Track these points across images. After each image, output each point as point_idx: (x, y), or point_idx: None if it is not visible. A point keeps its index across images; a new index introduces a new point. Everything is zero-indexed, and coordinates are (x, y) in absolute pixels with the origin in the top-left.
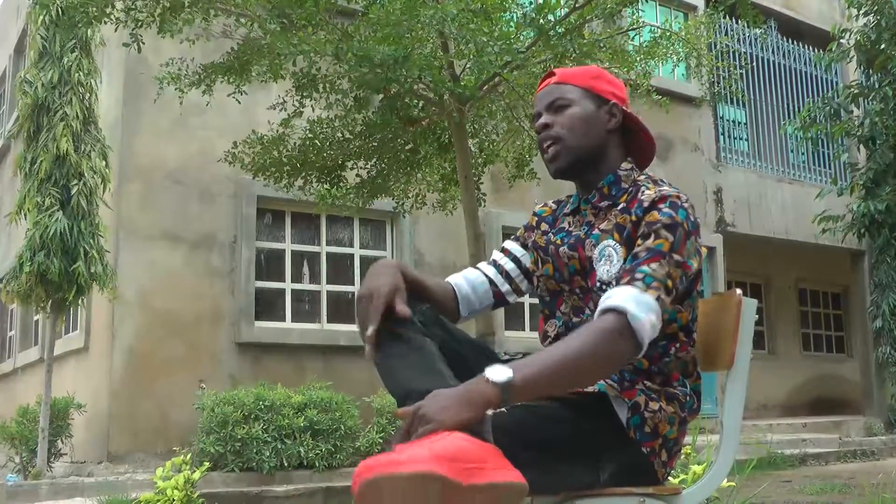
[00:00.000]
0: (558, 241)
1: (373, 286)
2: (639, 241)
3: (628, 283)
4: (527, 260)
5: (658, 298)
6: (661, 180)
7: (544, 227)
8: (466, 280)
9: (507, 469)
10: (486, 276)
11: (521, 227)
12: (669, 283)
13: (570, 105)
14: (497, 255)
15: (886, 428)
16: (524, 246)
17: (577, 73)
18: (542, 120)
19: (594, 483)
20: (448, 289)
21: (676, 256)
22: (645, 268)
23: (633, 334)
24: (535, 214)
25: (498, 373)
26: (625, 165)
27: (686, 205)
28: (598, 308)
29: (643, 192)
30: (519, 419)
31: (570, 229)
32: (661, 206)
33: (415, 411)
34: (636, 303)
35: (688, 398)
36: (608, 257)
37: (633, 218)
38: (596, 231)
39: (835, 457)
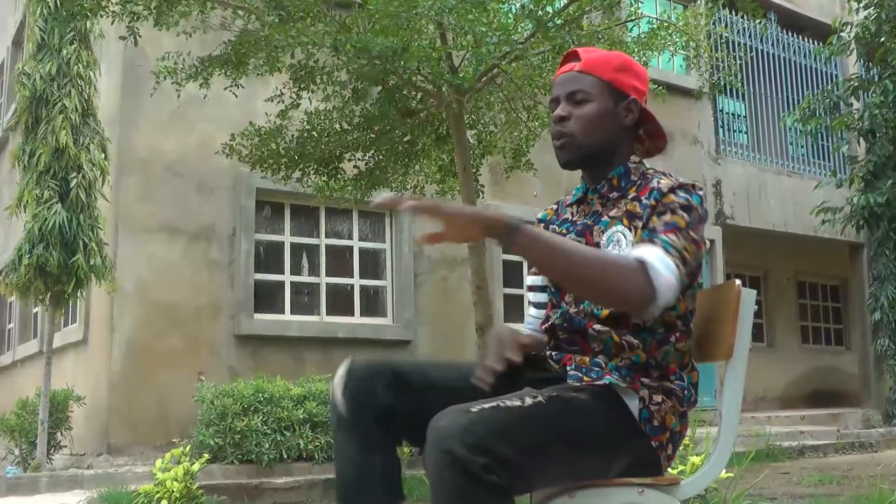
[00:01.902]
0: (564, 231)
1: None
2: (654, 219)
3: (650, 243)
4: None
5: (677, 265)
6: (671, 175)
7: (552, 228)
8: (531, 330)
9: None
10: (534, 318)
11: None
12: (686, 255)
13: (589, 100)
14: (529, 295)
15: (884, 420)
16: None
17: (602, 61)
18: (560, 111)
19: (604, 475)
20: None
21: (692, 234)
22: (664, 237)
23: (649, 281)
24: (539, 221)
25: (513, 218)
26: (634, 158)
27: (701, 192)
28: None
29: (658, 181)
30: (556, 411)
31: (575, 218)
32: (679, 190)
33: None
34: (657, 258)
35: (685, 391)
36: (616, 242)
37: (652, 202)
38: (605, 218)
39: (833, 449)
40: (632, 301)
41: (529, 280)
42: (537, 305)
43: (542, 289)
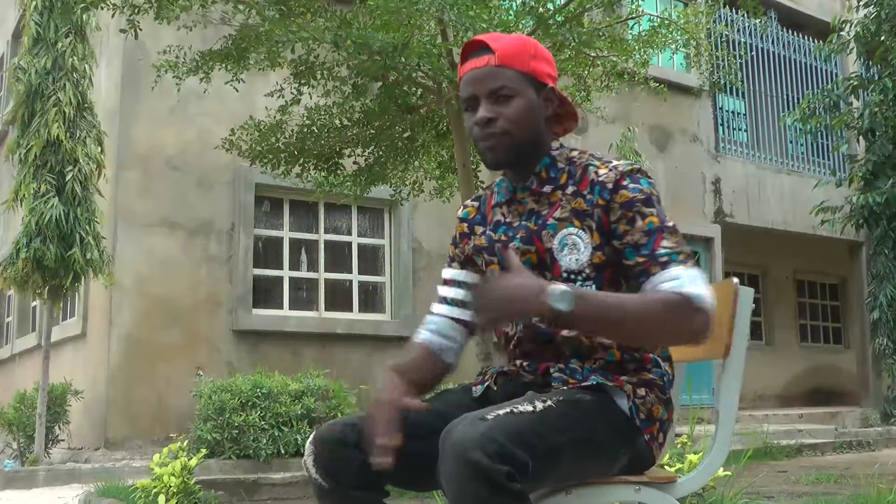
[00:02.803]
0: (503, 238)
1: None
2: (624, 227)
3: (663, 266)
4: (470, 277)
5: (692, 264)
6: (596, 153)
7: (478, 228)
8: (430, 330)
9: None
10: (442, 315)
11: (449, 245)
12: (685, 248)
13: (514, 96)
14: (442, 290)
15: (882, 419)
16: (463, 262)
17: (516, 51)
18: (485, 112)
19: (607, 474)
20: (424, 355)
21: (668, 224)
22: (660, 250)
23: (698, 310)
24: (461, 220)
25: (559, 299)
26: (554, 145)
27: (644, 173)
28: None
29: (595, 171)
30: (567, 414)
31: (510, 220)
32: (625, 182)
33: (481, 290)
34: (687, 280)
35: (665, 378)
36: (572, 246)
37: (600, 201)
38: (551, 221)
39: (831, 447)
40: (701, 337)
41: (448, 273)
42: (451, 303)
43: (460, 285)
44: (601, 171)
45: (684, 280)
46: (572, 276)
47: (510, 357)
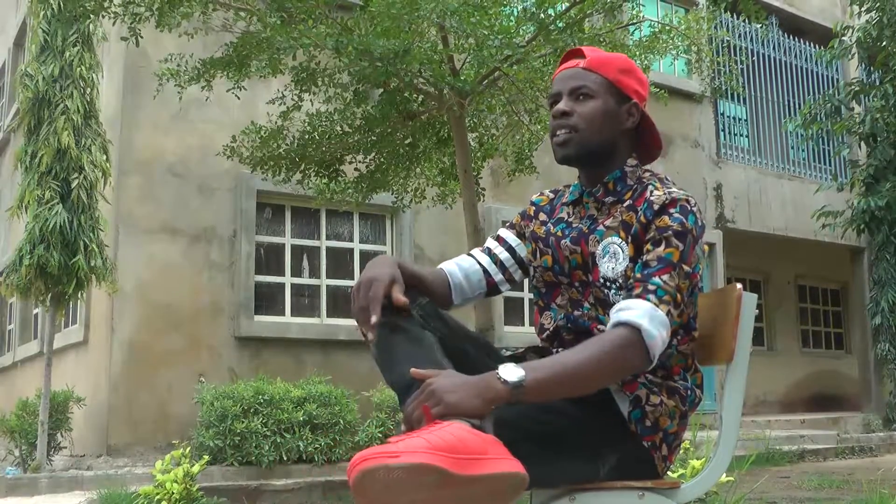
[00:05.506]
0: (559, 234)
1: (371, 276)
2: (648, 247)
3: (640, 295)
4: (522, 250)
5: (668, 313)
6: (667, 178)
7: (542, 216)
8: (460, 268)
9: (507, 459)
10: (480, 264)
11: (517, 214)
12: (678, 297)
13: (592, 97)
14: (491, 244)
15: (884, 424)
16: (520, 235)
17: (606, 61)
18: (562, 106)
19: (594, 476)
20: (442, 276)
21: (685, 267)
22: (657, 280)
23: (646, 350)
24: (532, 203)
25: (511, 373)
26: (630, 162)
27: (695, 209)
28: (612, 319)
29: (651, 191)
30: (521, 411)
31: (570, 220)
32: (672, 210)
33: (426, 383)
34: (650, 319)
35: (689, 392)
36: (613, 255)
37: (643, 219)
38: (600, 227)
39: (833, 453)
40: (634, 371)
41: (504, 233)
42: (492, 257)
43: (509, 249)
44: (656, 193)
45: (642, 315)
46: (608, 283)
47: (548, 343)
